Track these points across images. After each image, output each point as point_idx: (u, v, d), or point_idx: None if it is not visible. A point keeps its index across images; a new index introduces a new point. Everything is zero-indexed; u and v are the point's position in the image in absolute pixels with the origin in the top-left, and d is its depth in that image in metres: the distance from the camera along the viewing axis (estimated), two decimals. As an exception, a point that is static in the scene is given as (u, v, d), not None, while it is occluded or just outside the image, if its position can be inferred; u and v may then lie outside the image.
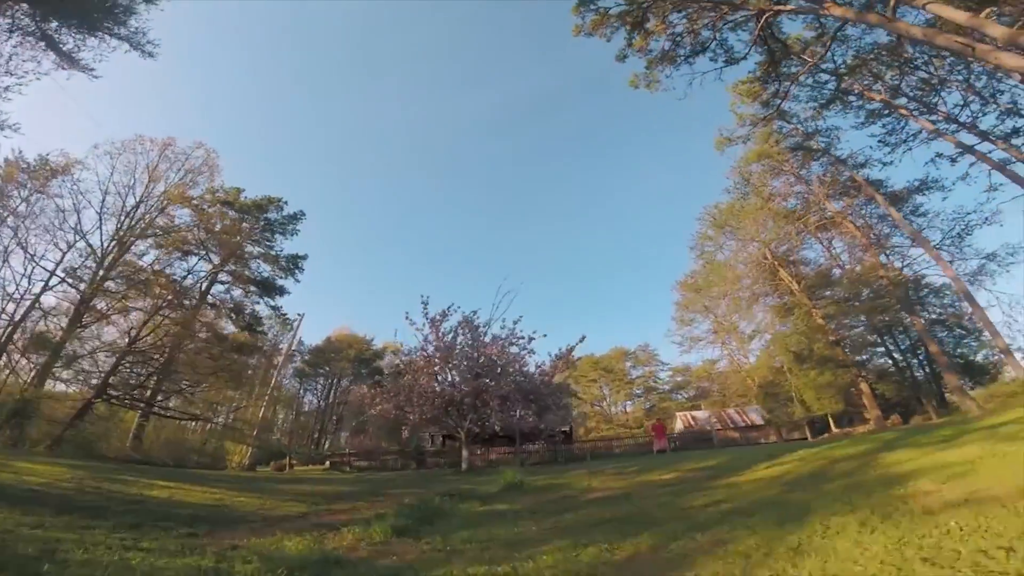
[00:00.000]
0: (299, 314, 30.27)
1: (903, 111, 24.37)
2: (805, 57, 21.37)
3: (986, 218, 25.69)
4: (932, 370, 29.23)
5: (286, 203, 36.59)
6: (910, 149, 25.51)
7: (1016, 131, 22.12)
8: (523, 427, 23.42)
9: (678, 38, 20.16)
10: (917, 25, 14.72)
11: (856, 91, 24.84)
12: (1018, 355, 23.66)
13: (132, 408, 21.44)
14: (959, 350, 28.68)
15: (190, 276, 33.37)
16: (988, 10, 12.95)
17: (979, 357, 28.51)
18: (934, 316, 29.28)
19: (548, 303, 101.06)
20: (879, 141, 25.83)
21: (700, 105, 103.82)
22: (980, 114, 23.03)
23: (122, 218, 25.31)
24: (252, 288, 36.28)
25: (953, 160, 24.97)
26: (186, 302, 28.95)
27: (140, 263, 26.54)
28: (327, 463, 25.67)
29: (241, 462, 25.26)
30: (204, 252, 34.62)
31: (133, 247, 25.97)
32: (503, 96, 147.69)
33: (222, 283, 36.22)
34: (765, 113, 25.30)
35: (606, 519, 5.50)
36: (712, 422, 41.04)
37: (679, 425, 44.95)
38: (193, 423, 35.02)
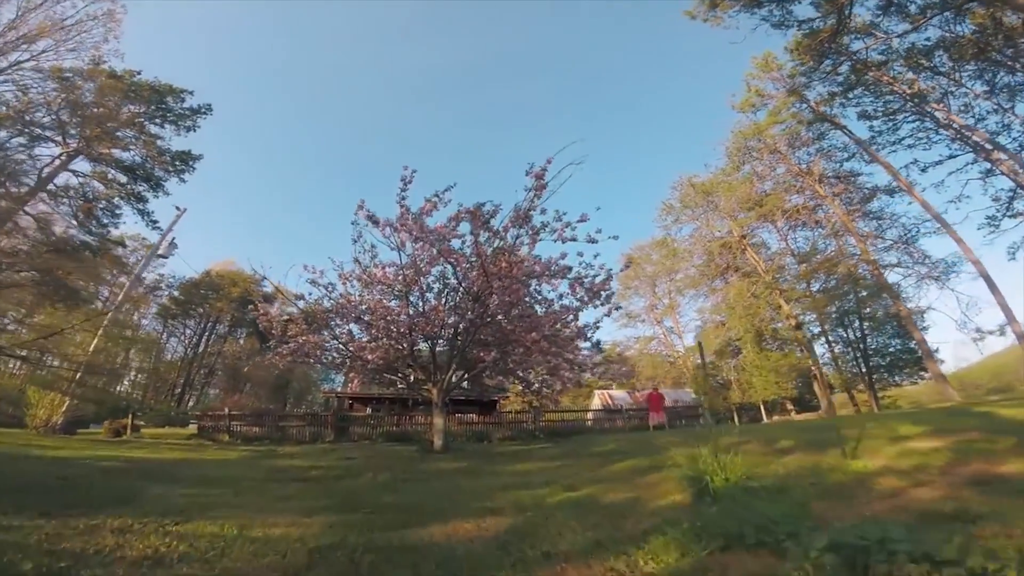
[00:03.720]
0: (178, 208, 21.05)
1: (940, 113, 23.61)
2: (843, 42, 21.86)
3: (936, 228, 25.78)
4: (867, 363, 29.11)
5: (191, 94, 26.68)
6: (895, 151, 25.45)
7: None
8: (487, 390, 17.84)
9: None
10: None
11: (885, 82, 23.72)
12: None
13: None
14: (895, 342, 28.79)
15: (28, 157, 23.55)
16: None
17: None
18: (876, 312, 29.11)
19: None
20: (870, 139, 25.70)
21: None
22: (974, 127, 22.93)
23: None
24: (116, 177, 26.68)
25: (924, 169, 25.04)
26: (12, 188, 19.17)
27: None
28: (194, 427, 17.66)
29: (51, 420, 16.13)
30: (60, 136, 24.94)
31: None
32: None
33: (77, 174, 26.22)
34: (790, 85, 25.52)
35: None
36: (637, 400, 39.01)
37: (596, 402, 42.48)
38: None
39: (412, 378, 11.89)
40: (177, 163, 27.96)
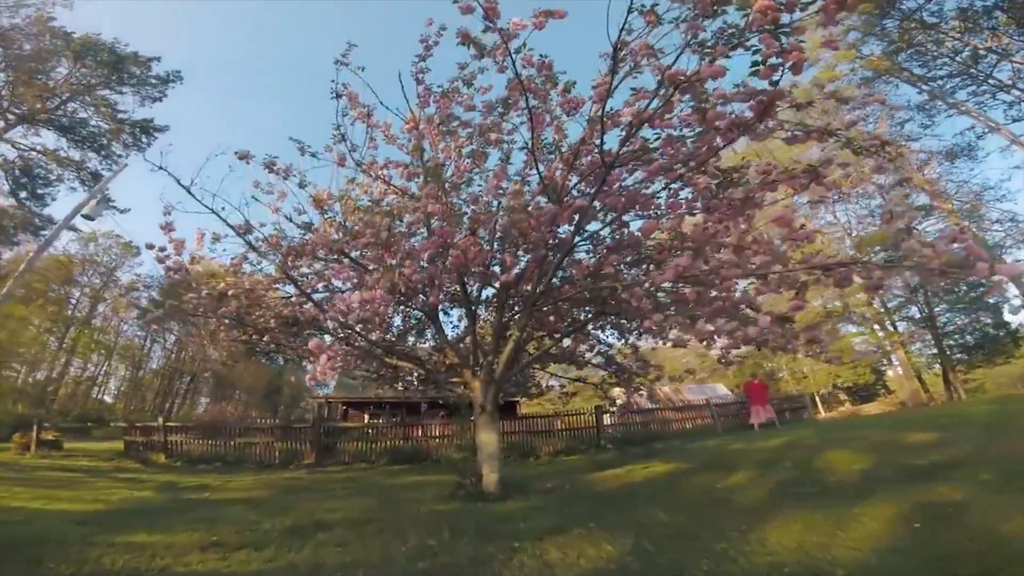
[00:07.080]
0: (117, 163, 16.10)
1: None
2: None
3: (1003, 195, 23.01)
4: (941, 343, 24.52)
5: (158, 60, 21.94)
6: (951, 115, 22.45)
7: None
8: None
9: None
10: None
11: (951, 36, 19.93)
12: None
13: None
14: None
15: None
16: None
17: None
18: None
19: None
20: (923, 103, 22.70)
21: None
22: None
23: None
24: (69, 155, 21.98)
25: (980, 136, 22.15)
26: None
27: None
28: (122, 442, 12.46)
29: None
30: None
31: None
32: None
33: (17, 145, 20.86)
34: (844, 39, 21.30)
35: None
36: (658, 400, 34.20)
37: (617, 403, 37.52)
38: None
39: (430, 362, 6.81)
40: (137, 134, 23.23)
